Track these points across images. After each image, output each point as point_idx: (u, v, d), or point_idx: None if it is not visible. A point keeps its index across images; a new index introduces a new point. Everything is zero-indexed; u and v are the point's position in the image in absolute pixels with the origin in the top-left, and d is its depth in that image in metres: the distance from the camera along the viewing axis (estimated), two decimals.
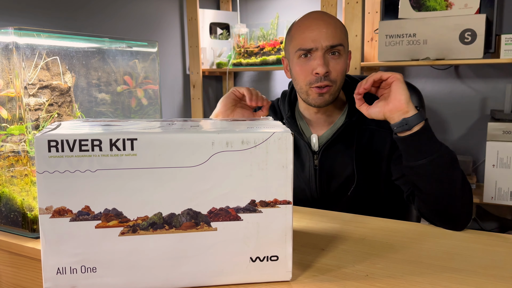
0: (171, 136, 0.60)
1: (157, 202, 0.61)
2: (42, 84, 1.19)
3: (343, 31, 1.05)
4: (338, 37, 1.02)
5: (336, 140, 1.09)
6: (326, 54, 1.02)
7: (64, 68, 1.28)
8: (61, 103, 1.24)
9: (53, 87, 1.21)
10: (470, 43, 1.60)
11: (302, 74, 1.04)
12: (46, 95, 1.19)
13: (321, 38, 1.00)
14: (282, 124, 0.70)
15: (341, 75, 1.04)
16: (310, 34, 1.01)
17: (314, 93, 1.04)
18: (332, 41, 1.01)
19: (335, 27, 1.02)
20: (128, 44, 1.30)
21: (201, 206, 0.62)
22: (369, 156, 1.08)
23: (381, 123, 1.07)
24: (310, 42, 1.01)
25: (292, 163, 0.63)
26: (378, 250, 0.78)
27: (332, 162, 1.09)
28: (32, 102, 1.16)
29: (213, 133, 0.61)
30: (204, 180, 0.61)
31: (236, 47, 2.24)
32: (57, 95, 1.24)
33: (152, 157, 0.60)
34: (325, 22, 1.02)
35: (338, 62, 1.03)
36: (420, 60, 1.70)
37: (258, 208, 0.63)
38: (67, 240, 0.60)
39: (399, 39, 1.71)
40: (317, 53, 1.01)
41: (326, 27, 1.01)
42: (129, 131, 0.60)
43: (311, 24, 1.02)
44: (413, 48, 1.69)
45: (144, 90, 1.63)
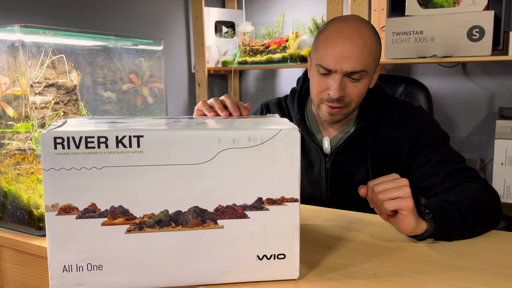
0: (178, 133, 0.60)
1: (164, 200, 0.61)
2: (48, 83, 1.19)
3: (373, 53, 0.96)
4: (362, 61, 0.94)
5: (350, 143, 1.06)
6: (345, 78, 0.96)
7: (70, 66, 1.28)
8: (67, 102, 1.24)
9: (59, 85, 1.21)
10: (478, 40, 1.58)
11: (317, 88, 1.00)
12: (52, 94, 1.19)
13: (344, 61, 0.93)
14: (289, 121, 0.70)
15: (357, 98, 0.99)
16: (333, 53, 0.94)
17: (324, 110, 1.01)
18: (354, 67, 0.94)
19: (363, 49, 0.94)
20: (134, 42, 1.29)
21: (208, 203, 0.61)
22: (385, 160, 1.06)
23: (397, 127, 1.05)
24: (330, 62, 0.94)
25: (299, 160, 0.62)
26: (386, 249, 0.77)
27: (345, 165, 1.07)
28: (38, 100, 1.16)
29: (220, 130, 0.61)
30: (210, 177, 0.61)
31: (242, 45, 2.23)
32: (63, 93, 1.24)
33: (158, 154, 0.59)
34: (353, 43, 0.93)
35: (357, 86, 0.97)
36: (427, 57, 1.68)
37: (265, 205, 0.63)
38: (73, 238, 0.60)
39: (406, 36, 1.70)
40: (336, 75, 0.95)
41: (352, 49, 0.93)
42: (135, 128, 0.60)
43: (337, 42, 0.94)
44: (420, 45, 1.68)
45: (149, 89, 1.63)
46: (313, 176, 1.10)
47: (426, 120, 1.05)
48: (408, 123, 1.05)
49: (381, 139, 1.06)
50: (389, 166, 1.05)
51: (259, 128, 0.62)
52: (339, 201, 1.09)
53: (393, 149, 1.05)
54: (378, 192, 0.76)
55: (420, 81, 1.38)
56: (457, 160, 0.98)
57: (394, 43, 1.73)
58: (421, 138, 1.03)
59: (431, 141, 1.02)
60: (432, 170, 0.99)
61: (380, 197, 0.75)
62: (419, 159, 1.02)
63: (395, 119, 1.06)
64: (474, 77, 1.96)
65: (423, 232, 0.77)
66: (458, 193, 0.87)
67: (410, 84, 1.34)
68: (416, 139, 1.03)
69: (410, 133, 1.04)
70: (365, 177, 1.05)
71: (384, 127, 1.06)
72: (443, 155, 0.99)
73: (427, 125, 1.04)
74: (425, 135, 1.03)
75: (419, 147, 1.03)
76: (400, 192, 0.74)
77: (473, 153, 1.99)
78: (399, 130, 1.05)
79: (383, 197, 0.75)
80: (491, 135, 1.95)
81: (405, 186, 0.75)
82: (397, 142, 1.05)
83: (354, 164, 1.06)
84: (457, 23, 1.61)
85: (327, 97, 0.98)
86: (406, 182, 0.75)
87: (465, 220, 0.79)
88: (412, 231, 0.76)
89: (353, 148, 1.07)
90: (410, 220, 0.75)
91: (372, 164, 1.05)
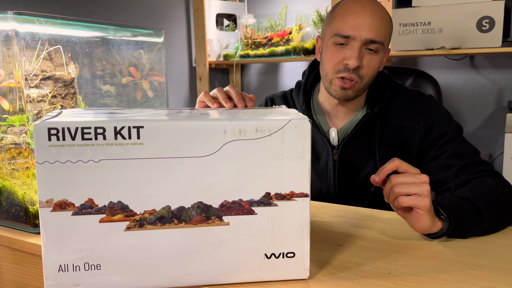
0: (180, 123, 0.56)
1: (166, 195, 0.57)
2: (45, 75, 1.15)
3: (389, 28, 0.96)
4: (382, 33, 0.93)
5: (357, 133, 1.02)
6: (363, 48, 0.93)
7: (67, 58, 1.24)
8: (65, 95, 1.21)
9: (56, 78, 1.17)
10: (487, 31, 1.54)
11: (332, 61, 0.96)
12: (49, 87, 1.16)
13: (364, 28, 0.91)
14: (298, 112, 0.66)
15: (371, 73, 0.96)
16: (353, 20, 0.92)
17: (337, 84, 0.97)
18: (374, 35, 0.92)
19: (382, 20, 0.93)
20: (133, 33, 1.25)
21: (213, 199, 0.58)
22: (394, 151, 1.01)
23: (408, 117, 1.01)
24: (350, 29, 0.92)
25: (310, 152, 0.59)
26: (399, 246, 0.73)
27: (353, 157, 1.03)
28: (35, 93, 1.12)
29: (225, 121, 0.57)
30: (215, 171, 0.57)
31: (244, 38, 2.19)
32: (61, 86, 1.20)
33: (160, 146, 0.56)
34: (373, 12, 0.92)
35: (373, 59, 0.95)
36: (435, 49, 1.64)
37: (273, 201, 0.59)
38: (69, 236, 0.56)
39: (413, 27, 1.65)
40: (354, 43, 0.93)
41: (372, 18, 0.91)
42: (135, 119, 0.56)
43: (358, 10, 0.92)
44: (428, 37, 1.64)
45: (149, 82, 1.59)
46: (320, 169, 1.06)
47: (438, 110, 1.01)
48: (420, 112, 1.00)
49: (391, 130, 1.02)
50: (399, 157, 1.00)
51: (267, 119, 0.58)
52: (347, 195, 1.05)
53: (403, 140, 1.01)
54: (395, 184, 0.71)
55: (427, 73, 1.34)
56: (472, 153, 0.94)
57: (401, 34, 1.69)
58: (434, 129, 0.99)
59: (444, 132, 0.98)
60: (445, 163, 0.94)
61: (396, 190, 0.71)
62: (432, 152, 0.98)
63: (405, 108, 1.02)
64: (482, 69, 1.92)
65: (438, 231, 0.74)
66: (473, 188, 0.83)
67: (419, 76, 1.30)
68: (428, 129, 0.99)
69: (421, 123, 1.00)
70: (374, 170, 1.01)
71: (393, 117, 1.02)
72: (457, 148, 0.95)
73: (440, 115, 1.00)
74: (438, 126, 0.99)
75: (431, 138, 0.98)
76: (419, 189, 0.69)
77: (481, 148, 1.95)
78: (409, 120, 1.01)
79: (400, 191, 0.70)
80: (500, 129, 1.91)
81: (425, 183, 0.70)
82: (407, 133, 1.01)
83: (362, 156, 1.02)
84: (466, 14, 1.57)
85: (343, 67, 0.94)
86: (426, 178, 0.70)
87: (481, 217, 0.75)
88: (427, 230, 0.73)
89: (361, 139, 1.03)
90: (426, 219, 0.71)
91: (380, 155, 1.01)
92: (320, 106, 1.08)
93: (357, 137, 1.02)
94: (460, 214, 0.73)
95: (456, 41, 1.61)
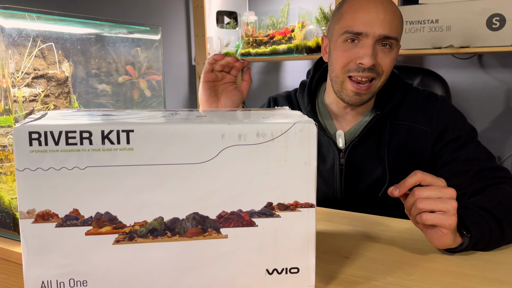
0: (174, 127, 0.51)
1: (158, 205, 0.52)
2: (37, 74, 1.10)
3: (401, 23, 0.92)
4: (395, 28, 0.88)
5: (365, 136, 0.97)
6: (377, 45, 0.88)
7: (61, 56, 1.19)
8: (58, 94, 1.16)
9: (49, 76, 1.13)
10: (498, 29, 1.48)
11: (342, 60, 0.90)
12: (41, 85, 1.11)
13: (377, 24, 0.86)
14: (302, 114, 0.61)
15: (388, 69, 0.91)
16: (365, 16, 0.87)
17: (349, 88, 0.91)
18: (388, 31, 0.86)
19: (395, 15, 0.88)
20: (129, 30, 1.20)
21: (209, 209, 0.53)
22: (405, 155, 0.96)
23: (419, 119, 0.96)
24: (362, 25, 0.86)
25: (316, 159, 0.54)
26: (410, 258, 0.68)
27: (361, 161, 0.98)
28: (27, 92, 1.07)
29: (223, 124, 0.52)
30: (212, 179, 0.52)
31: (245, 36, 2.14)
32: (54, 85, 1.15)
33: (152, 152, 0.51)
34: (385, 7, 0.87)
35: (388, 56, 0.89)
36: (442, 48, 1.59)
37: (275, 212, 0.54)
38: (52, 249, 0.51)
39: (420, 25, 1.60)
40: (367, 40, 0.87)
41: (384, 13, 0.86)
42: (124, 122, 0.51)
43: (368, 5, 0.87)
44: (435, 35, 1.58)
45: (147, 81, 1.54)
46: (326, 173, 1.01)
47: (451, 112, 0.96)
48: (432, 114, 0.95)
49: (401, 132, 0.96)
50: (410, 162, 0.95)
51: (269, 122, 0.53)
52: (354, 201, 1.00)
53: (414, 143, 0.95)
54: (419, 198, 0.65)
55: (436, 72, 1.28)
56: (487, 158, 0.89)
57: (408, 32, 1.63)
58: (447, 131, 0.93)
59: (457, 135, 0.92)
60: (459, 169, 0.89)
61: (419, 206, 0.64)
62: (445, 156, 0.92)
63: (416, 109, 0.97)
64: (490, 69, 1.86)
65: (457, 246, 0.68)
66: (493, 196, 0.77)
67: (427, 76, 1.25)
68: (441, 133, 0.94)
69: (434, 126, 0.94)
70: (382, 175, 0.96)
71: (404, 119, 0.97)
72: (472, 152, 0.90)
73: (453, 117, 0.95)
74: (451, 129, 0.93)
75: (444, 141, 0.93)
76: (445, 205, 0.63)
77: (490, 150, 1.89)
78: (421, 122, 0.95)
79: (424, 207, 0.64)
80: (509, 131, 1.86)
81: (452, 199, 0.64)
82: (419, 136, 0.95)
83: (371, 160, 0.97)
84: (476, 11, 1.51)
85: (356, 67, 0.89)
86: (453, 193, 0.64)
87: (502, 230, 0.69)
88: (447, 247, 0.68)
89: (370, 142, 0.97)
90: (448, 238, 0.66)
91: (390, 160, 0.95)
92: (326, 108, 1.03)
93: (365, 140, 0.97)
94: (481, 229, 0.68)
95: (465, 40, 1.55)
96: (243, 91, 0.92)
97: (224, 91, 0.91)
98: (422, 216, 0.64)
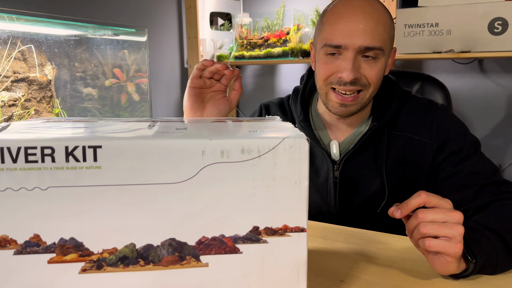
0: (147, 142, 0.45)
1: (129, 230, 0.46)
2: (17, 77, 1.04)
3: (387, 29, 0.83)
4: (378, 37, 0.81)
5: (361, 147, 0.91)
6: (359, 56, 0.82)
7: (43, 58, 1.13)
8: (40, 99, 1.10)
9: (30, 80, 1.07)
10: (500, 33, 1.43)
11: (324, 72, 0.85)
12: (22, 89, 1.05)
13: (356, 35, 0.79)
14: (294, 127, 0.55)
15: (376, 81, 0.84)
16: (343, 27, 0.80)
17: (334, 100, 0.86)
18: (370, 42, 0.80)
19: (378, 22, 0.80)
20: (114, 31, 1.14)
21: (188, 235, 0.47)
22: (403, 168, 0.90)
23: (419, 130, 0.90)
24: (340, 37, 0.81)
25: (308, 178, 0.48)
26: (411, 283, 0.63)
27: (356, 174, 0.92)
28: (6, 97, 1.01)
29: (204, 139, 0.46)
30: (191, 200, 0.47)
31: (239, 39, 2.08)
32: (35, 89, 1.09)
33: (122, 171, 0.45)
34: (366, 15, 0.80)
35: (373, 67, 0.83)
36: (443, 52, 1.53)
37: (262, 237, 0.48)
38: (11, 279, 0.46)
39: (419, 29, 1.55)
40: (347, 53, 0.81)
41: (364, 22, 0.79)
42: (91, 136, 0.46)
43: (347, 15, 0.81)
44: (435, 39, 1.53)
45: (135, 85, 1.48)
46: (319, 186, 0.95)
47: (453, 122, 0.90)
48: (432, 124, 0.90)
49: (399, 143, 0.91)
50: (409, 175, 0.90)
51: (255, 136, 0.48)
52: (350, 216, 0.94)
53: (413, 155, 0.90)
54: (423, 222, 0.59)
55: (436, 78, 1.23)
56: (491, 171, 0.84)
57: (406, 36, 1.58)
58: (448, 143, 0.88)
59: (459, 147, 0.87)
60: (462, 183, 0.84)
61: (423, 231, 0.59)
62: (447, 169, 0.87)
63: (415, 119, 0.91)
64: (491, 74, 1.81)
65: (461, 272, 0.63)
66: (499, 214, 0.72)
67: (426, 82, 1.19)
68: (442, 144, 0.88)
69: (434, 137, 0.89)
70: (380, 189, 0.91)
71: (402, 129, 0.91)
72: (475, 165, 0.84)
73: (455, 128, 0.89)
74: (453, 140, 0.88)
75: (445, 154, 0.88)
76: (450, 231, 0.58)
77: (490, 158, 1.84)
78: (421, 133, 0.90)
79: (428, 232, 0.58)
80: (510, 138, 1.81)
81: (459, 224, 0.58)
82: (418, 147, 0.89)
83: (367, 173, 0.91)
84: (477, 15, 1.46)
85: (338, 80, 0.83)
86: (460, 217, 0.59)
87: (509, 251, 0.64)
88: (450, 273, 0.62)
89: (366, 154, 0.91)
90: (452, 266, 0.60)
91: (388, 173, 0.90)
92: (319, 117, 0.98)
93: (361, 151, 0.91)
94: (488, 253, 0.62)
95: (466, 44, 1.50)
96: (232, 101, 0.86)
97: (211, 99, 0.85)
98: (425, 242, 0.59)
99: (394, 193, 0.90)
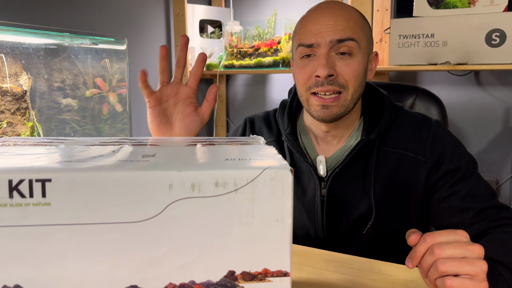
0: (104, 175, 0.39)
1: (84, 277, 0.40)
2: None
3: (360, 24, 0.83)
4: (350, 29, 0.80)
5: (350, 163, 0.86)
6: (332, 53, 0.81)
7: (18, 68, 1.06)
8: (15, 110, 1.03)
9: (3, 90, 1.00)
10: (498, 45, 1.39)
11: (302, 76, 0.84)
12: None
13: (326, 31, 0.80)
14: (277, 153, 0.49)
15: (354, 80, 0.81)
16: (313, 27, 0.82)
17: (315, 103, 0.83)
18: (340, 35, 0.79)
19: (346, 18, 0.81)
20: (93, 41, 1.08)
21: (153, 281, 0.41)
22: (394, 187, 0.85)
23: (412, 146, 0.85)
24: (311, 36, 0.81)
25: (291, 215, 0.42)
26: None
27: (344, 192, 0.87)
28: None
29: (172, 171, 0.40)
30: (156, 241, 0.40)
31: (228, 47, 2.02)
32: (9, 100, 1.03)
33: (75, 208, 0.39)
34: (333, 14, 0.81)
35: (349, 63, 0.81)
36: (438, 64, 1.49)
37: (239, 283, 0.42)
38: None
39: (414, 40, 1.50)
40: (319, 50, 0.81)
41: (334, 19, 0.81)
42: (40, 168, 0.39)
43: (316, 16, 0.83)
44: (431, 50, 1.49)
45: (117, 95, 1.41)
46: (306, 206, 0.89)
47: (448, 139, 0.85)
48: (426, 141, 0.84)
49: (390, 161, 0.85)
50: (399, 195, 0.84)
51: (232, 167, 0.41)
52: (338, 238, 0.88)
53: (405, 173, 0.84)
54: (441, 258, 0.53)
55: (430, 91, 1.18)
56: (489, 195, 0.78)
57: (401, 47, 1.54)
58: (443, 162, 0.82)
59: (455, 166, 0.81)
60: (459, 206, 0.78)
61: (442, 269, 0.52)
62: (442, 190, 0.81)
63: (408, 135, 0.86)
64: (488, 86, 1.77)
65: None
66: (502, 244, 0.66)
67: (421, 95, 1.14)
68: (437, 162, 0.83)
69: (429, 154, 0.83)
70: (368, 209, 0.85)
71: (393, 146, 0.86)
72: (472, 187, 0.79)
73: (451, 145, 0.84)
74: (448, 159, 0.82)
75: (441, 173, 0.82)
76: (473, 268, 0.51)
77: (487, 172, 1.79)
78: (414, 150, 0.84)
79: (448, 269, 0.52)
80: (507, 152, 1.77)
81: (480, 259, 0.52)
82: (411, 165, 0.84)
83: (355, 192, 0.86)
84: (474, 26, 1.42)
85: (315, 81, 0.81)
86: (481, 251, 0.53)
87: None
88: None
89: (354, 171, 0.86)
90: None
91: (376, 192, 0.84)
92: (306, 130, 0.93)
93: (349, 167, 0.86)
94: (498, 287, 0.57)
95: (463, 56, 1.46)
96: (204, 115, 0.76)
97: (179, 115, 0.75)
98: (445, 282, 0.52)
99: (382, 214, 0.85)
